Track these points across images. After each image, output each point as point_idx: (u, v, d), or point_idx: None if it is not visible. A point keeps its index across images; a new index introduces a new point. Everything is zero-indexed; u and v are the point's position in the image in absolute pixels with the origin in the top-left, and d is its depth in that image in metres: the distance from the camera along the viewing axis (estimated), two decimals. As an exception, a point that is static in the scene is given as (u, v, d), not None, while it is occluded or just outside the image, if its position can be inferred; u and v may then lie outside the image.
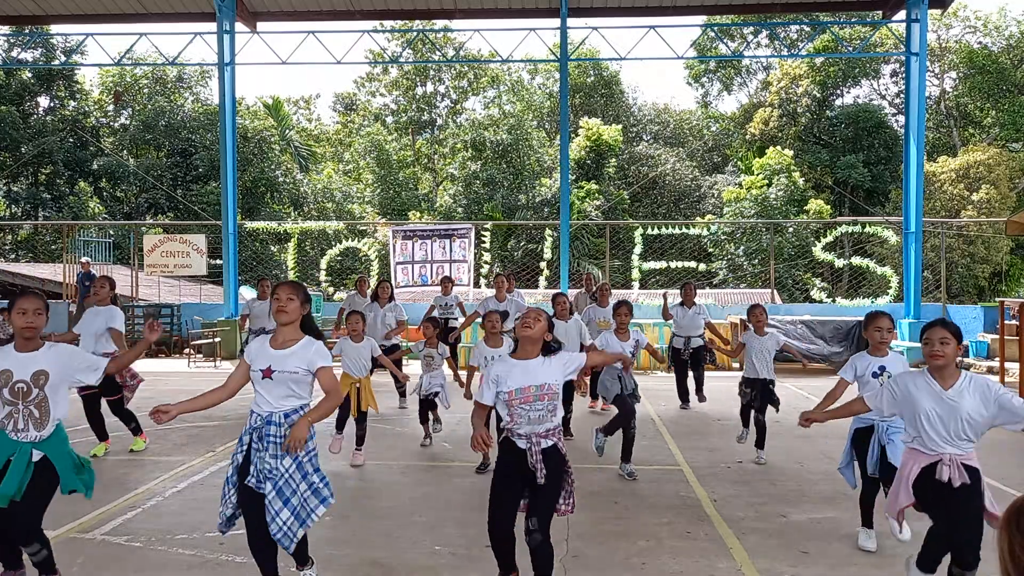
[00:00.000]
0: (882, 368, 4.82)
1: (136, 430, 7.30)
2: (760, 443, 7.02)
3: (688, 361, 9.77)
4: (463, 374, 7.03)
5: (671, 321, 9.96)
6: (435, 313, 10.94)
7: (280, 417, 3.74)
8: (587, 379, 8.94)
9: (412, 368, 13.23)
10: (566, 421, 8.11)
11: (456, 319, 11.24)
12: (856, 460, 4.89)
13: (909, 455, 3.88)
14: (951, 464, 3.70)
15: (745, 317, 7.71)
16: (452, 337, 9.98)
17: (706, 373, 10.02)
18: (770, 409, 7.10)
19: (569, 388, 7.94)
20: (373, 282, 15.93)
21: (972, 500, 3.70)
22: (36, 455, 3.82)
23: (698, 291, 10.20)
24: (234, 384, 3.93)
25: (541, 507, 3.77)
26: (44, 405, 3.83)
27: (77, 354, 4.08)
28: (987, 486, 3.81)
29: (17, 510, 3.73)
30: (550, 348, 3.93)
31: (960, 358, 3.90)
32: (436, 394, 7.49)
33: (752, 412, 7.08)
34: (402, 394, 9.84)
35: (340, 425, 6.88)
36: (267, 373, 3.74)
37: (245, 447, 3.79)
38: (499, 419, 4.01)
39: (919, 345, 3.95)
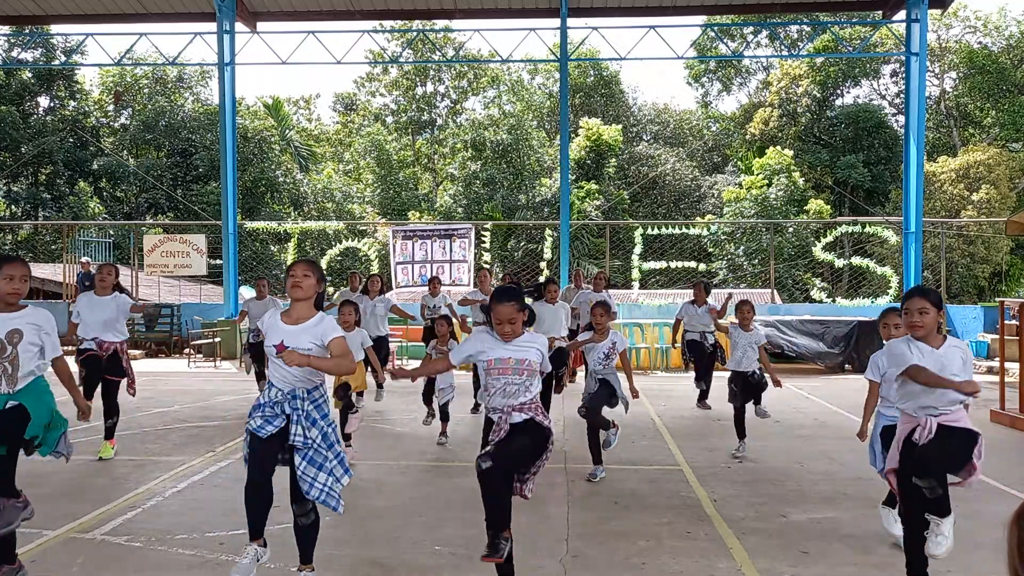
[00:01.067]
0: None
1: (111, 432, 6.94)
2: (757, 400, 7.19)
3: (710, 354, 9.69)
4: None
5: (685, 318, 9.93)
6: (426, 313, 10.96)
7: (304, 392, 3.83)
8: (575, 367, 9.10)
9: (412, 366, 13.24)
10: (560, 379, 8.44)
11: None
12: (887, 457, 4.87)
13: (902, 420, 4.04)
14: (926, 427, 3.84)
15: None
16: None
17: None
18: (771, 409, 7.17)
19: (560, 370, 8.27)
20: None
21: (954, 442, 3.83)
22: (10, 404, 3.89)
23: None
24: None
25: (506, 449, 3.70)
26: (15, 362, 3.91)
27: (50, 325, 4.09)
28: (983, 447, 3.95)
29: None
30: (530, 321, 3.97)
31: (941, 324, 3.99)
32: (448, 401, 7.49)
33: (750, 407, 7.15)
34: (379, 385, 9.85)
35: (346, 436, 6.81)
36: (280, 348, 3.75)
37: (263, 416, 3.79)
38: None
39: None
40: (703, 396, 9.84)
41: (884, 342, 4.96)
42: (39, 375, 4.03)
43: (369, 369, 7.58)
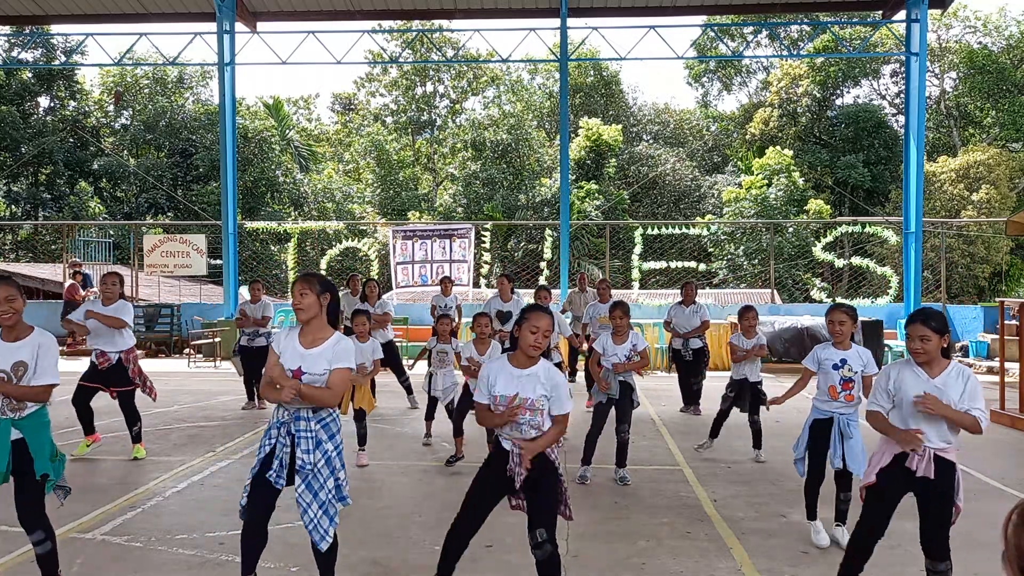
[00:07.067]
0: (843, 360, 4.95)
1: (137, 437, 6.95)
2: (757, 443, 7.05)
3: (689, 363, 9.38)
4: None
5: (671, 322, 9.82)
6: (436, 313, 10.95)
7: (309, 412, 3.67)
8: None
9: (416, 368, 13.24)
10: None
11: (454, 320, 11.28)
12: (809, 451, 4.97)
13: (886, 441, 3.86)
14: (924, 455, 3.68)
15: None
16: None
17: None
18: (768, 409, 7.12)
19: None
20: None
21: (945, 494, 3.70)
22: (15, 434, 3.77)
23: (698, 291, 10.02)
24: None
25: (542, 515, 3.64)
26: None
27: (51, 354, 3.90)
28: (961, 480, 3.77)
29: (21, 487, 3.80)
30: (546, 353, 3.86)
31: (946, 348, 3.88)
32: (451, 399, 7.46)
33: (747, 416, 7.07)
34: (408, 391, 9.82)
35: (362, 440, 6.82)
36: (296, 374, 3.62)
37: (273, 440, 3.70)
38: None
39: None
40: (687, 399, 9.60)
41: (829, 336, 5.14)
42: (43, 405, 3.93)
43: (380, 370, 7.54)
